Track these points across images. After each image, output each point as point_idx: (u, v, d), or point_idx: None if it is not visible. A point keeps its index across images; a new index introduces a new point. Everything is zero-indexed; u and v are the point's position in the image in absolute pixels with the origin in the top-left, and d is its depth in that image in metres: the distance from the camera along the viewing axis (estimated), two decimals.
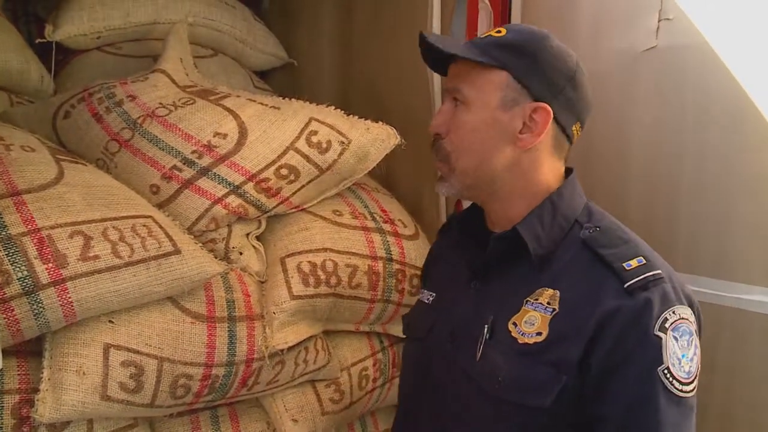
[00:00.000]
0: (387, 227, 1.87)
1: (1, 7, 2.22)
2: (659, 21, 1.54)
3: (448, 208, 2.07)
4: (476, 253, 1.21)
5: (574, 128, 1.19)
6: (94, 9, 2.17)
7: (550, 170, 1.18)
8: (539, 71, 1.13)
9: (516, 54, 1.13)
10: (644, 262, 1.04)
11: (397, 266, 1.81)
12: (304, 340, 1.64)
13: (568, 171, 1.22)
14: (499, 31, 1.17)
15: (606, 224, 1.13)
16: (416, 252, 1.86)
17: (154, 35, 2.31)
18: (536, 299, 1.09)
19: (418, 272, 1.78)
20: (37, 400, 1.27)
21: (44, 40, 2.12)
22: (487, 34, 1.19)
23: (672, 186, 1.54)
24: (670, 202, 1.54)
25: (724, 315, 1.46)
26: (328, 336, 1.81)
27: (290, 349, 1.60)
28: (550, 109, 1.13)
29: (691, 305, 1.05)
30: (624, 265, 1.04)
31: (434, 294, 1.32)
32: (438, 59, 1.23)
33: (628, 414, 0.99)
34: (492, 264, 1.18)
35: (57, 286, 1.26)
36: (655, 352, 0.99)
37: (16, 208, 1.31)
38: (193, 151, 1.62)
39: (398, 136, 1.85)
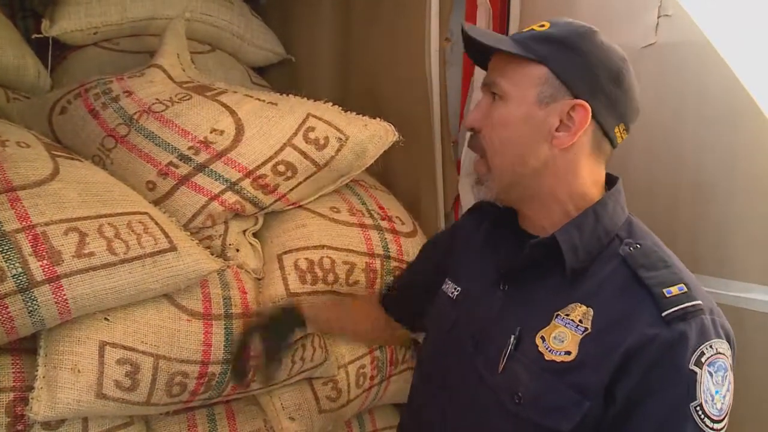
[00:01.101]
0: (385, 224, 1.87)
1: None
2: (658, 17, 1.53)
3: (446, 205, 2.07)
4: (508, 255, 1.17)
5: (617, 130, 1.13)
6: (91, 4, 2.17)
7: (589, 174, 1.13)
8: (580, 67, 1.08)
9: (556, 48, 1.08)
10: (685, 290, 0.99)
11: (394, 263, 1.81)
12: (301, 337, 1.63)
13: (612, 179, 1.18)
14: (542, 25, 1.13)
15: (648, 244, 1.08)
16: (414, 249, 1.85)
17: (151, 31, 2.31)
18: (567, 315, 1.04)
19: None
20: (32, 398, 1.27)
21: (41, 36, 2.11)
22: (529, 28, 1.14)
23: (671, 184, 1.53)
24: (670, 200, 1.53)
25: (725, 314, 1.45)
26: (325, 334, 1.81)
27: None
28: (588, 107, 1.07)
29: (728, 340, 1.00)
30: (664, 291, 0.98)
31: (459, 289, 1.27)
32: (480, 54, 1.18)
33: None
34: (524, 269, 1.13)
35: (52, 283, 1.25)
36: (687, 387, 0.94)
37: (11, 205, 1.30)
38: (190, 148, 1.61)
39: (396, 133, 1.84)
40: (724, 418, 0.96)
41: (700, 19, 1.45)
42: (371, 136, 1.80)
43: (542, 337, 1.04)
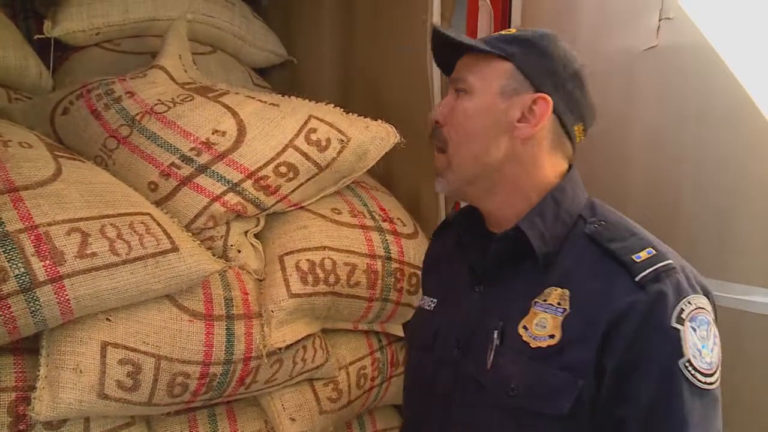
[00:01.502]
0: (386, 226, 1.87)
1: (0, 2, 2.21)
2: (660, 20, 1.53)
3: (447, 206, 2.07)
4: (478, 256, 1.19)
5: (576, 129, 1.17)
6: (93, 5, 2.17)
7: (551, 167, 1.16)
8: (543, 63, 1.12)
9: (521, 46, 1.13)
10: (654, 252, 1.02)
11: (395, 265, 1.81)
12: (303, 338, 1.64)
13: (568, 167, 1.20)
14: (509, 31, 1.18)
15: (612, 218, 1.11)
16: (415, 251, 1.85)
17: (153, 32, 2.31)
18: (545, 300, 1.06)
19: (417, 271, 1.77)
20: (34, 398, 1.27)
21: (43, 36, 2.12)
22: (497, 33, 1.19)
23: (672, 186, 1.53)
24: (671, 202, 1.54)
25: (725, 316, 1.45)
26: (327, 334, 1.81)
27: (288, 347, 1.59)
28: (550, 100, 1.11)
29: (706, 294, 1.02)
30: (634, 257, 1.01)
31: (435, 300, 1.28)
32: (446, 61, 1.22)
33: (651, 413, 0.96)
34: (495, 266, 1.15)
35: (54, 284, 1.25)
36: (673, 345, 0.95)
37: (14, 205, 1.30)
38: (192, 149, 1.61)
39: (397, 135, 1.84)
40: (715, 372, 0.98)
41: (701, 22, 1.45)
42: (373, 137, 1.80)
43: (525, 327, 1.06)
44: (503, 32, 1.19)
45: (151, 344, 1.40)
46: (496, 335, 1.08)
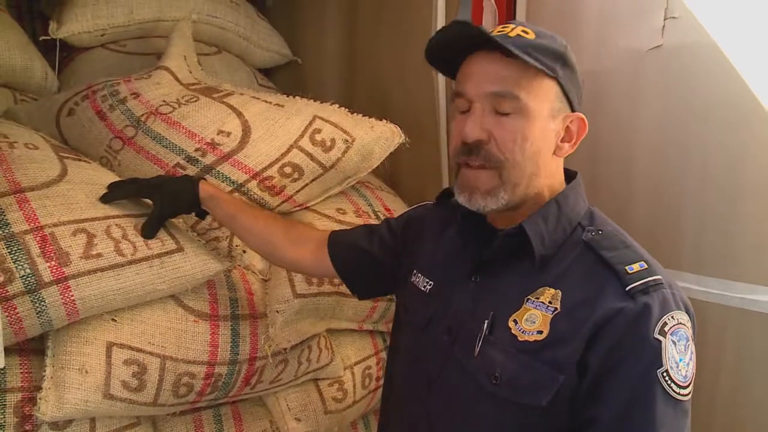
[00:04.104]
0: None
1: (6, 4, 2.22)
2: (665, 19, 1.52)
3: None
4: (479, 248, 1.20)
5: None
6: (98, 6, 2.18)
7: (558, 172, 1.18)
8: (574, 79, 1.13)
9: (559, 61, 1.11)
10: (646, 266, 1.05)
11: None
12: (308, 338, 1.64)
13: (570, 173, 1.22)
14: (526, 32, 1.11)
15: (608, 229, 1.14)
16: None
17: (158, 33, 2.32)
18: (537, 298, 1.09)
19: None
20: (40, 399, 1.27)
21: (48, 38, 2.13)
22: (515, 34, 1.11)
23: (678, 186, 1.53)
24: (676, 202, 1.53)
25: (730, 315, 1.45)
26: (332, 334, 1.81)
27: (293, 347, 1.60)
28: (585, 119, 1.14)
29: (687, 311, 1.06)
30: (626, 268, 1.04)
31: (432, 283, 1.29)
32: (446, 58, 1.18)
33: (624, 415, 0.99)
34: (495, 260, 1.17)
35: (60, 284, 1.26)
36: (654, 354, 0.99)
37: (19, 206, 1.31)
38: (197, 149, 1.61)
39: (402, 135, 1.84)
40: (689, 385, 1.02)
41: (706, 22, 1.45)
42: (377, 137, 1.80)
43: (515, 320, 1.09)
44: (521, 34, 1.10)
45: (156, 344, 1.41)
46: (486, 325, 1.11)
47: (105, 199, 1.42)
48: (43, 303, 1.25)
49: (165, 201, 1.43)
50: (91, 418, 1.39)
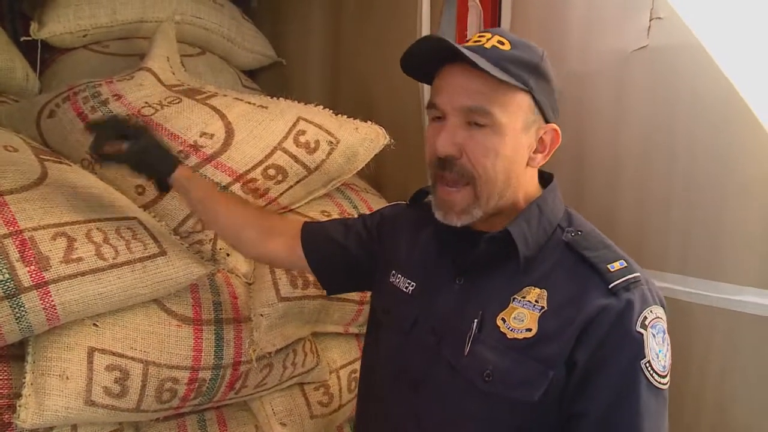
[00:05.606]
0: None
1: None
2: (650, 20, 1.53)
3: None
4: (461, 251, 1.21)
5: None
6: (81, 7, 2.16)
7: (534, 178, 1.22)
8: (549, 94, 1.15)
9: (534, 73, 1.12)
10: (625, 265, 1.09)
11: None
12: (293, 342, 1.63)
13: (548, 176, 1.24)
14: (502, 43, 1.12)
15: (587, 229, 1.17)
16: None
17: (141, 33, 2.30)
18: (523, 297, 1.12)
19: None
20: (20, 406, 1.25)
21: (30, 38, 2.10)
22: (491, 45, 1.12)
23: (664, 186, 1.53)
24: (662, 202, 1.53)
25: (716, 316, 1.45)
26: (317, 338, 1.80)
27: (278, 351, 1.59)
28: (559, 130, 1.16)
29: (662, 306, 1.10)
30: (608, 266, 1.09)
31: (414, 284, 1.29)
32: (422, 67, 1.18)
33: (611, 405, 1.04)
34: (481, 263, 1.18)
35: (39, 289, 1.24)
36: (637, 347, 1.04)
37: None
38: (180, 151, 1.60)
39: (387, 136, 1.84)
40: (667, 374, 1.07)
41: (692, 22, 1.45)
42: (362, 139, 1.80)
43: (503, 319, 1.12)
44: (496, 45, 1.12)
45: (138, 350, 1.39)
46: (475, 324, 1.13)
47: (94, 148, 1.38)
48: (22, 308, 1.23)
49: (140, 149, 1.39)
50: (73, 425, 1.38)
